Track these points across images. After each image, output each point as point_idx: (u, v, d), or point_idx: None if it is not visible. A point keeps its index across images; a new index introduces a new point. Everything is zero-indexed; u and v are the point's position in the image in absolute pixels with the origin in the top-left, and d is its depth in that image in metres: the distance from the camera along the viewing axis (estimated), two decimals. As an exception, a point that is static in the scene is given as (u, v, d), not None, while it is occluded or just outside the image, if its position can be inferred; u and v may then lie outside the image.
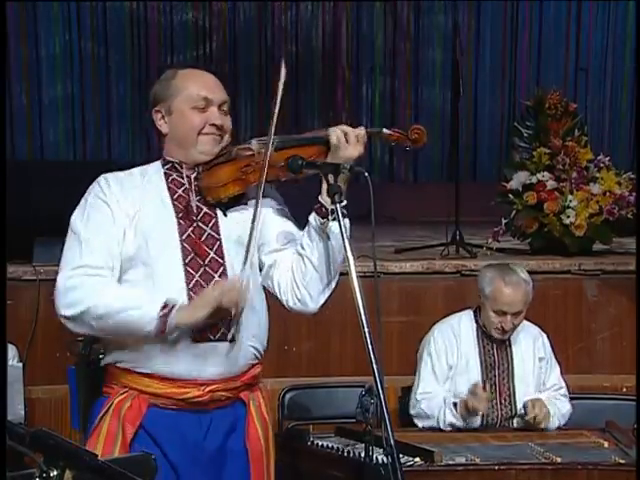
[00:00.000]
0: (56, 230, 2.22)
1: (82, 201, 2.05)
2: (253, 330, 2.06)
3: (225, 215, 2.06)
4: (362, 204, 2.09)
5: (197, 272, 2.00)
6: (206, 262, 2.01)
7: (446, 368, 3.13)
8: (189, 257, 2.00)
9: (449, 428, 3.03)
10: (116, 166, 2.18)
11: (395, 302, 3.81)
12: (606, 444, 2.88)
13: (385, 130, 2.16)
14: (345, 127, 2.06)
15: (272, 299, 2.15)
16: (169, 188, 2.06)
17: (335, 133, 2.04)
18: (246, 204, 2.08)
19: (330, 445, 2.77)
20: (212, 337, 1.99)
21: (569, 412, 3.14)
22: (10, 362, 3.19)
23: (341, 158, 2.02)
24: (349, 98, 7.23)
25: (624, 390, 3.66)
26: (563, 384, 3.22)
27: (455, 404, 3.02)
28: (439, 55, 7.13)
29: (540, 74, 7.13)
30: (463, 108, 5.61)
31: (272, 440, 2.13)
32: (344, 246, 1.94)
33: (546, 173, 4.26)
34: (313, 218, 2.03)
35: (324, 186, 2.01)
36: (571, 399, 3.21)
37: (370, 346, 1.85)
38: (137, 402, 2.01)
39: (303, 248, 2.04)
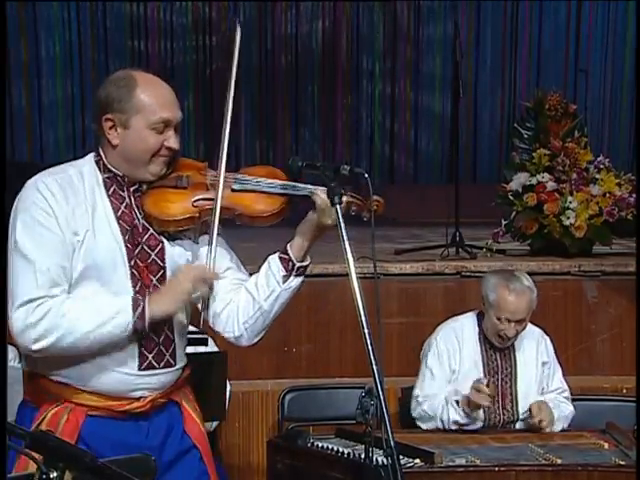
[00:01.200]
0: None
1: (24, 215, 1.90)
2: (183, 349, 2.08)
3: (169, 241, 2.00)
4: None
5: (144, 300, 1.95)
6: (150, 290, 1.97)
7: (448, 372, 3.12)
8: (138, 285, 1.97)
9: (453, 427, 3.01)
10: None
11: (395, 303, 3.81)
12: (606, 445, 2.88)
13: (349, 197, 2.01)
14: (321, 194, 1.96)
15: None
16: (111, 202, 1.97)
17: (319, 197, 1.95)
18: (192, 235, 2.04)
19: (330, 446, 2.76)
20: (157, 366, 1.99)
21: (572, 414, 3.14)
22: (10, 363, 3.18)
23: (323, 226, 1.95)
24: (349, 99, 7.23)
25: (624, 391, 3.66)
26: (566, 387, 3.21)
27: (457, 402, 3.02)
28: (439, 57, 7.13)
29: (540, 75, 7.15)
30: (463, 109, 5.62)
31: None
32: (344, 248, 1.93)
33: (546, 174, 4.26)
34: (277, 267, 1.99)
35: (297, 239, 1.99)
36: (572, 400, 3.20)
37: (370, 347, 1.85)
38: (74, 415, 1.96)
39: (257, 291, 2.01)
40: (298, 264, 2.00)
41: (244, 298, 2.03)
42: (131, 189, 2.00)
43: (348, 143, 7.27)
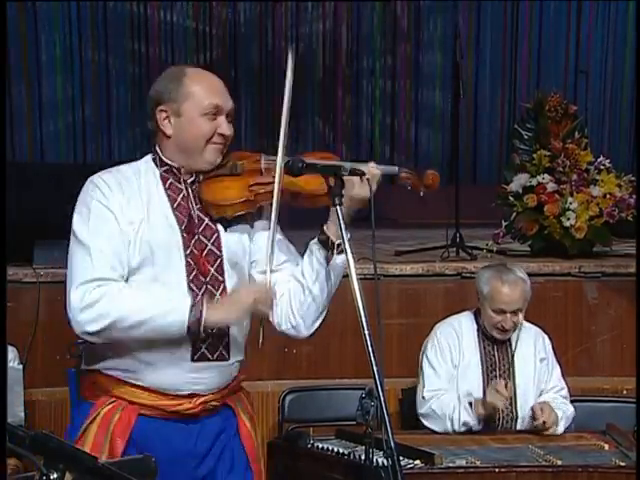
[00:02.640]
0: (56, 232, 2.21)
1: (82, 207, 1.97)
2: (240, 345, 2.09)
3: (226, 231, 2.04)
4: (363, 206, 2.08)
5: (200, 290, 1.98)
6: (207, 279, 1.99)
7: (451, 366, 3.13)
8: (192, 274, 1.98)
9: (462, 428, 3.01)
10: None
11: (395, 304, 3.82)
12: (606, 447, 2.88)
13: (402, 173, 2.13)
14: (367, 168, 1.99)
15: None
16: (168, 195, 2.00)
17: (350, 178, 1.97)
18: (247, 222, 2.06)
19: (330, 448, 2.77)
20: (211, 357, 2.00)
21: (572, 415, 3.14)
22: (10, 364, 3.18)
23: (355, 198, 1.97)
24: (349, 99, 7.23)
25: (624, 392, 3.66)
26: (564, 385, 3.21)
27: (471, 404, 3.01)
28: (439, 57, 7.13)
29: (540, 76, 7.14)
30: (463, 110, 5.61)
31: (260, 438, 2.17)
32: (344, 249, 1.94)
33: (546, 175, 4.26)
34: (317, 249, 2.02)
35: (332, 216, 1.99)
36: (571, 402, 3.20)
37: (370, 348, 1.86)
38: (126, 414, 1.98)
39: (304, 277, 2.03)
40: (337, 241, 2.00)
41: (293, 287, 2.04)
42: (188, 181, 2.03)
43: (348, 143, 7.27)
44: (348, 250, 1.93)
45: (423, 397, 3.11)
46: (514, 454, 2.79)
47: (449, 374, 3.12)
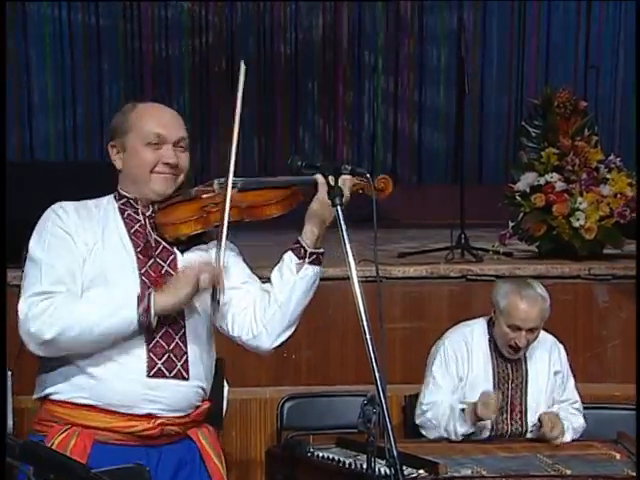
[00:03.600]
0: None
1: (39, 229, 2.05)
2: (202, 369, 2.08)
3: (182, 254, 2.08)
4: (364, 206, 2.09)
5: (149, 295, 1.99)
6: None
7: (456, 379, 3.12)
8: (147, 292, 1.99)
9: (459, 437, 3.02)
10: (110, 167, 2.18)
11: (398, 308, 3.82)
12: (618, 456, 2.88)
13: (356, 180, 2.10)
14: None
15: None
16: (125, 223, 2.07)
17: (324, 183, 2.01)
18: (205, 243, 2.10)
19: (331, 456, 2.77)
20: (167, 374, 2.00)
21: (582, 427, 3.13)
22: (10, 364, 3.18)
23: (328, 204, 1.98)
24: (350, 97, 7.23)
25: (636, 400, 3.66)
26: (578, 398, 3.20)
27: (463, 410, 3.02)
28: (443, 52, 7.14)
29: (549, 71, 7.15)
30: (468, 107, 5.62)
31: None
32: (345, 250, 1.94)
33: (555, 174, 4.26)
34: (288, 256, 2.05)
35: (306, 227, 2.04)
36: (582, 410, 3.20)
37: (372, 353, 1.86)
38: (82, 440, 1.98)
39: (271, 284, 2.07)
40: (310, 250, 2.03)
41: (259, 296, 2.07)
42: (147, 214, 2.10)
43: (349, 141, 7.27)
44: (349, 252, 1.93)
45: (422, 408, 3.11)
46: (522, 463, 2.79)
47: (451, 386, 3.11)
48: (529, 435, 3.09)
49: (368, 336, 1.86)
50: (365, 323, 1.88)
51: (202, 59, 6.98)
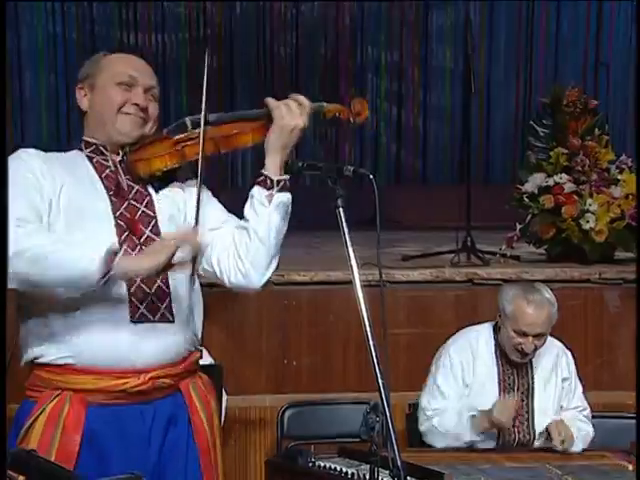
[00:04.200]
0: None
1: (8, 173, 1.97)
2: (188, 311, 2.08)
3: (157, 192, 2.09)
4: (366, 208, 2.09)
5: (133, 251, 2.00)
6: (142, 241, 2.02)
7: (461, 386, 3.12)
8: (124, 235, 2.01)
9: (465, 444, 3.01)
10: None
11: (402, 313, 3.82)
12: (630, 467, 2.86)
13: (326, 104, 2.19)
14: (287, 100, 2.07)
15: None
16: (95, 168, 2.06)
17: (279, 107, 2.05)
18: (178, 182, 2.12)
19: (333, 466, 2.76)
20: (152, 318, 2.00)
21: (591, 436, 3.13)
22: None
23: (286, 129, 2.04)
24: (352, 94, 7.23)
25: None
26: (586, 405, 3.20)
27: (473, 416, 3.01)
28: (449, 49, 7.14)
29: (558, 69, 7.15)
30: (475, 106, 5.63)
31: (218, 429, 2.15)
32: (347, 254, 1.94)
33: (564, 175, 4.26)
34: (257, 191, 2.07)
35: (268, 158, 2.06)
36: (592, 417, 3.19)
37: (375, 360, 1.86)
38: (75, 407, 1.97)
39: (247, 221, 2.07)
40: (276, 178, 2.06)
41: (237, 235, 2.08)
42: (116, 160, 2.08)
43: (352, 140, 7.28)
44: (351, 255, 1.93)
45: (426, 414, 3.11)
46: (530, 474, 2.78)
47: (457, 394, 3.11)
48: (536, 444, 3.09)
49: (371, 342, 1.86)
50: (368, 329, 1.88)
51: (199, 47, 6.96)
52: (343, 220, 1.94)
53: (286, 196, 2.07)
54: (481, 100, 6.96)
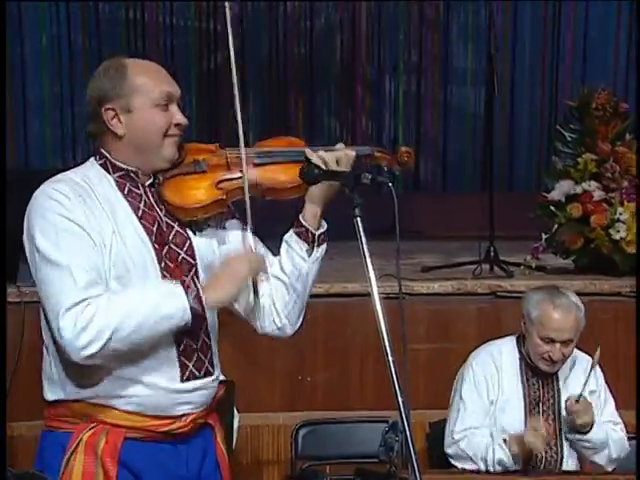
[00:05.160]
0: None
1: (43, 223, 1.95)
2: (217, 358, 2.15)
3: (195, 234, 2.08)
4: (385, 217, 2.11)
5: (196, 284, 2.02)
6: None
7: (487, 403, 3.12)
8: None
9: (497, 468, 3.00)
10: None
11: (422, 327, 3.82)
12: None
13: (376, 153, 2.21)
14: (336, 152, 2.08)
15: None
16: (130, 203, 2.03)
17: (325, 159, 2.06)
18: (216, 222, 2.12)
19: (349, 488, 2.77)
20: (198, 374, 2.06)
21: (626, 447, 3.10)
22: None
23: (335, 184, 2.05)
24: (370, 99, 7.25)
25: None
26: (620, 421, 3.18)
27: (505, 440, 3.01)
28: (471, 50, 7.15)
29: (586, 70, 7.13)
30: (498, 109, 5.61)
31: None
32: (365, 264, 1.95)
33: (593, 182, 4.26)
34: (296, 243, 2.09)
35: (308, 208, 2.08)
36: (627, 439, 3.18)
37: (394, 376, 1.86)
38: (112, 437, 2.01)
39: (285, 274, 2.11)
40: (318, 233, 2.10)
41: (275, 286, 2.12)
42: (146, 184, 2.06)
43: (368, 147, 7.27)
44: (370, 266, 1.93)
45: (453, 437, 3.10)
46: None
47: (483, 411, 3.11)
48: (565, 466, 3.08)
49: (390, 357, 1.87)
50: (387, 343, 1.88)
51: (209, 56, 7.01)
52: (361, 230, 1.95)
53: (324, 247, 2.12)
54: (504, 103, 6.95)
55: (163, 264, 2.02)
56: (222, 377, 2.19)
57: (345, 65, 7.21)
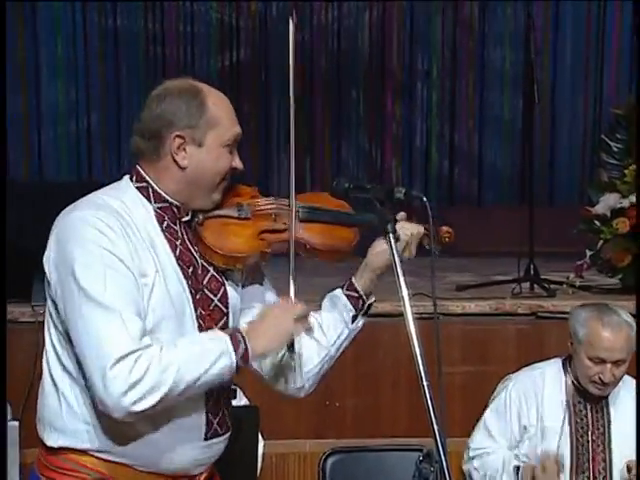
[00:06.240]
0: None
1: (86, 256, 1.85)
2: None
3: (227, 280, 2.04)
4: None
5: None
6: None
7: (517, 429, 3.12)
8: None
9: None
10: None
11: (457, 349, 3.82)
12: None
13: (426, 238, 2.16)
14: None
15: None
16: (167, 239, 1.96)
17: (402, 231, 2.04)
18: (241, 275, 2.09)
19: (381, 521, 2.77)
20: (220, 431, 2.05)
21: None
22: (4, 420, 3.23)
23: (401, 258, 2.01)
24: (401, 106, 7.27)
25: None
26: None
27: (518, 468, 3.00)
28: (509, 54, 7.15)
29: (632, 76, 7.11)
30: (538, 117, 5.61)
31: None
32: (398, 283, 1.95)
33: (640, 195, 4.25)
34: (345, 306, 2.09)
35: (365, 274, 2.08)
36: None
37: (429, 402, 1.86)
38: None
39: (324, 335, 2.09)
40: (368, 302, 2.10)
41: (307, 344, 2.08)
42: (183, 220, 2.01)
43: (399, 159, 7.29)
44: (403, 284, 1.94)
45: (469, 453, 3.13)
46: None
47: (507, 439, 3.11)
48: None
49: (424, 382, 1.87)
50: (421, 367, 1.89)
51: (232, 66, 7.06)
52: (394, 247, 1.97)
53: (365, 319, 2.12)
54: (544, 110, 6.93)
55: (198, 312, 1.97)
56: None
57: (374, 73, 7.23)
